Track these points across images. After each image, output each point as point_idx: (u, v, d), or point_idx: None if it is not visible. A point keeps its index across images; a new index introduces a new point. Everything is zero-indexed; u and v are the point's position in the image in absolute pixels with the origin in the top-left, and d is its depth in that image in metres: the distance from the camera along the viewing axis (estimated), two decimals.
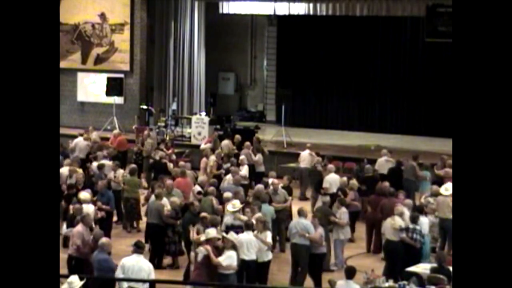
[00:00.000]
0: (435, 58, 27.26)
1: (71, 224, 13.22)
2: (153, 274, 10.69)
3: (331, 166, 17.77)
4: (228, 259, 11.52)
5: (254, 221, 12.78)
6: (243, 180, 17.07)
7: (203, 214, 13.03)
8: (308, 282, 13.02)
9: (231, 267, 11.52)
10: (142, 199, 16.61)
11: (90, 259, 11.56)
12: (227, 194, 14.59)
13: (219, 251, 11.69)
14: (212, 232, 11.80)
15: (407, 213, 13.66)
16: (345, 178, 16.92)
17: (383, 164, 18.73)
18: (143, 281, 10.70)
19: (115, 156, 19.50)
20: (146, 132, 22.00)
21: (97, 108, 28.03)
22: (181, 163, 18.29)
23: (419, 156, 19.16)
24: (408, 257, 12.77)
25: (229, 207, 13.65)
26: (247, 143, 20.62)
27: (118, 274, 10.69)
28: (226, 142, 20.87)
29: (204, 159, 18.93)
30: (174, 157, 19.45)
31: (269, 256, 12.69)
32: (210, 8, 29.20)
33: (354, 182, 16.47)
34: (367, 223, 15.69)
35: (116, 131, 23.38)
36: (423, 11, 25.39)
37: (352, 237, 15.77)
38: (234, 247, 11.76)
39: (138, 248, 10.89)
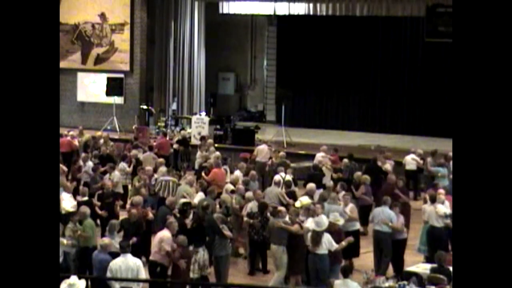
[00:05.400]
0: (435, 58, 27.26)
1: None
2: (142, 271, 10.70)
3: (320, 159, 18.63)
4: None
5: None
6: None
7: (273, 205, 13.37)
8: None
9: None
10: None
11: (181, 266, 11.60)
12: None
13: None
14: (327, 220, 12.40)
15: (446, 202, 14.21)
16: (359, 173, 17.00)
17: (321, 159, 19.16)
18: (141, 281, 10.73)
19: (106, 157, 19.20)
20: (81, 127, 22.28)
21: (97, 108, 28.04)
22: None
23: (436, 152, 19.28)
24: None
25: (297, 202, 14.14)
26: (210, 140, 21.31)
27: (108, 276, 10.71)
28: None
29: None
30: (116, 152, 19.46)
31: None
32: (210, 8, 29.19)
33: (366, 176, 16.57)
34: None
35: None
36: (423, 11, 25.40)
37: (366, 231, 15.86)
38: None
39: (122, 249, 10.91)
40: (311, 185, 15.25)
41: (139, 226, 13.23)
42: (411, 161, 19.53)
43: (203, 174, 17.42)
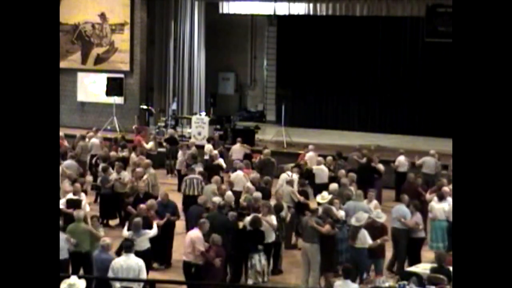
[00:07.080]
0: (435, 58, 27.27)
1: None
2: (144, 271, 10.67)
3: (320, 159, 18.61)
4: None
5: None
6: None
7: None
8: None
9: None
10: None
11: (216, 264, 11.57)
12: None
13: None
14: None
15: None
16: (343, 171, 17.10)
17: (312, 158, 19.21)
18: (141, 280, 10.72)
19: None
20: (78, 136, 21.21)
21: (97, 108, 28.02)
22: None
23: None
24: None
25: (318, 198, 14.32)
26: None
27: (109, 276, 10.67)
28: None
29: None
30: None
31: (273, 237, 13.21)
32: (210, 8, 29.21)
33: (352, 174, 16.65)
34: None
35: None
36: (423, 11, 25.42)
37: None
38: None
39: (125, 248, 10.90)
40: (334, 185, 15.41)
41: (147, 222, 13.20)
42: (404, 162, 19.52)
43: (230, 173, 17.46)
